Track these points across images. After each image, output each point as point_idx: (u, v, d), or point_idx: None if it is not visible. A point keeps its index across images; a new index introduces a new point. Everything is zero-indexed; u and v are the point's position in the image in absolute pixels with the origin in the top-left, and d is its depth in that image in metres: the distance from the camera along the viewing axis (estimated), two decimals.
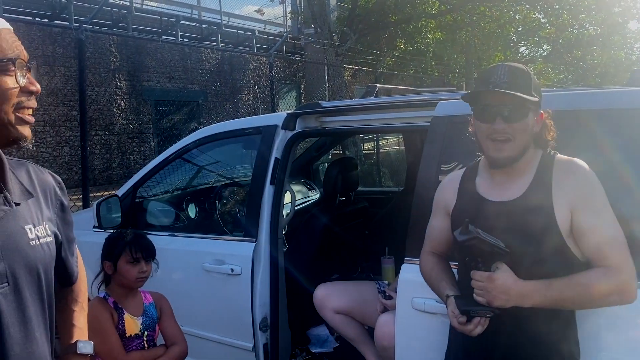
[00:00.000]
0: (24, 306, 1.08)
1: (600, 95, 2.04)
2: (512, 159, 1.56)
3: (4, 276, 1.04)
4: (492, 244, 1.46)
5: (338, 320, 2.74)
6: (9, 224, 1.07)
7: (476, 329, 1.53)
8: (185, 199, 3.40)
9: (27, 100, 1.08)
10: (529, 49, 18.38)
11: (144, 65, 12.63)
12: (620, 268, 1.47)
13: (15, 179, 1.14)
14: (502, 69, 1.56)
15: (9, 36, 1.07)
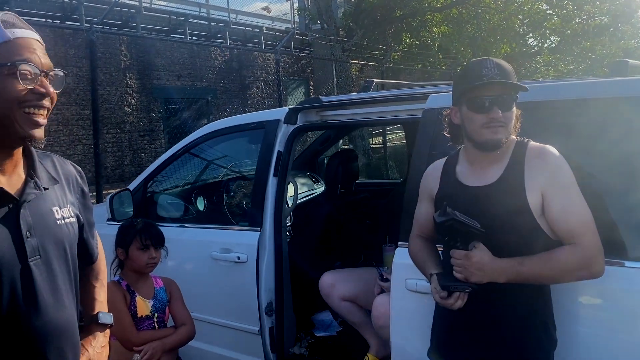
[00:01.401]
0: (53, 276, 1.23)
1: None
2: (503, 142, 1.69)
3: (37, 249, 1.19)
4: (468, 225, 1.60)
5: (344, 307, 2.88)
6: (39, 205, 1.23)
7: (456, 303, 1.67)
8: (194, 192, 3.56)
9: (36, 101, 1.17)
10: (537, 41, 18.30)
11: (153, 64, 12.83)
12: (587, 245, 1.61)
13: (43, 167, 1.30)
14: (490, 63, 1.68)
15: (24, 43, 1.18)
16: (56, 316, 1.22)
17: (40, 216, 1.22)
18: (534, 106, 1.94)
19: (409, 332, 2.24)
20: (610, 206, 1.93)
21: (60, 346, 1.23)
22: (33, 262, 1.18)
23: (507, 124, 1.67)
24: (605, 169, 1.96)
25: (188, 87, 13.42)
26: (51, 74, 1.21)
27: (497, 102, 1.66)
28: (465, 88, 1.71)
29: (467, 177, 1.79)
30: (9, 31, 1.17)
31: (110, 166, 12.10)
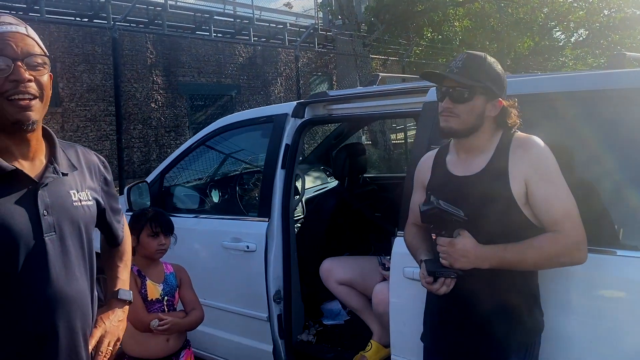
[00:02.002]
0: (66, 251, 1.36)
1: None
2: (456, 131, 1.77)
3: (52, 227, 1.32)
4: (451, 213, 1.66)
5: (341, 291, 2.97)
6: (57, 188, 1.37)
7: (441, 288, 1.73)
8: (209, 185, 3.68)
9: (16, 88, 1.26)
10: (565, 34, 17.98)
11: (179, 61, 13.06)
12: (569, 232, 1.65)
13: (64, 155, 1.45)
14: (460, 57, 1.78)
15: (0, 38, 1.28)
16: (66, 287, 1.34)
17: (57, 197, 1.36)
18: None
19: (407, 319, 2.31)
20: (605, 196, 1.98)
21: (69, 315, 1.35)
22: (48, 238, 1.31)
23: (459, 114, 1.74)
24: (602, 160, 1.99)
25: (212, 83, 13.63)
26: (26, 60, 1.29)
27: (449, 93, 1.75)
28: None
29: (455, 166, 1.86)
30: None
31: (137, 161, 12.38)
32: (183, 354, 2.48)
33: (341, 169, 3.46)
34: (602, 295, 1.89)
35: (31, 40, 1.33)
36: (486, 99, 1.75)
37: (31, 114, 1.29)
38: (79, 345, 1.39)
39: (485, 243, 1.70)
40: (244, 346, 3.13)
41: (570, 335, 1.90)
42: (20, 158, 1.33)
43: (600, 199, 1.98)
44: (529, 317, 1.78)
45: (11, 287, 1.27)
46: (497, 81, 1.76)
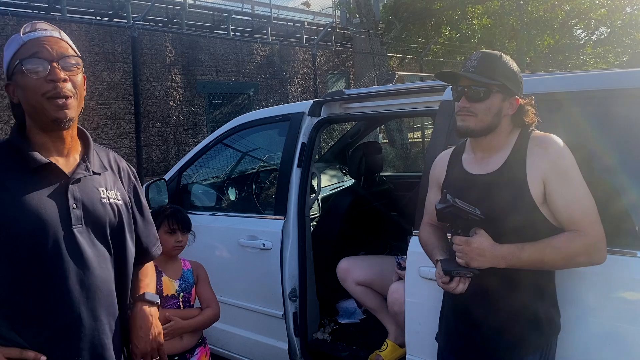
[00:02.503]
0: (92, 243, 1.44)
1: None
2: (473, 130, 1.75)
3: (80, 219, 1.41)
4: (467, 211, 1.65)
5: (359, 291, 2.97)
6: (87, 184, 1.46)
7: (458, 287, 1.72)
8: (226, 183, 3.70)
9: (53, 88, 1.35)
10: (585, 32, 17.72)
11: (197, 60, 13.13)
12: (587, 232, 1.63)
13: (97, 156, 1.55)
14: (475, 55, 1.76)
15: (35, 42, 1.37)
16: (91, 277, 1.42)
17: (86, 193, 1.45)
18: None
19: (423, 318, 2.30)
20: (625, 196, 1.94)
21: (94, 303, 1.42)
22: (76, 229, 1.40)
23: (476, 113, 1.72)
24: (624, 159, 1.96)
25: (230, 82, 13.68)
26: (61, 61, 1.38)
27: (465, 92, 1.74)
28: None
29: (471, 165, 1.84)
30: (25, 35, 1.39)
31: (156, 159, 12.48)
32: (197, 351, 2.49)
33: (357, 168, 3.46)
34: (621, 298, 1.86)
35: (65, 43, 1.42)
36: (503, 98, 1.73)
37: (68, 112, 1.38)
38: (104, 334, 1.45)
39: (501, 242, 1.69)
40: (260, 343, 3.15)
41: (587, 338, 1.87)
42: (56, 154, 1.43)
43: (621, 199, 1.95)
44: (546, 318, 1.76)
45: (41, 274, 1.33)
46: (513, 79, 1.74)
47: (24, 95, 1.38)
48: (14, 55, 1.39)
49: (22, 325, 1.33)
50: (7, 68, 1.41)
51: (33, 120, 1.41)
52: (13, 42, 1.40)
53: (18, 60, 1.36)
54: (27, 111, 1.41)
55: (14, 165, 1.37)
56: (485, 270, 1.70)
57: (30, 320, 1.33)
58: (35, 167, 1.37)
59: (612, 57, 17.97)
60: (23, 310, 1.33)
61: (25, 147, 1.39)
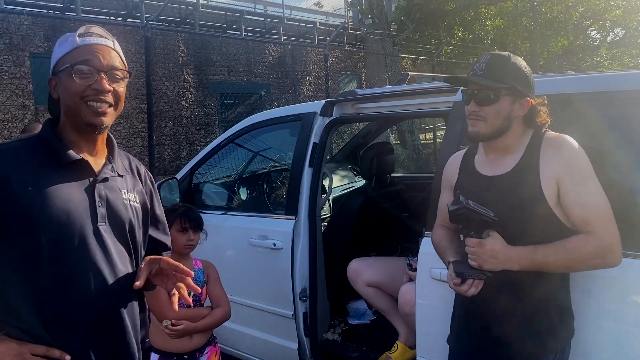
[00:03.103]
0: (114, 242, 1.47)
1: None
2: (483, 135, 1.74)
3: (104, 217, 1.45)
4: (481, 213, 1.63)
5: (369, 292, 2.96)
6: (112, 185, 1.50)
7: (470, 290, 1.70)
8: (237, 182, 3.71)
9: (95, 95, 1.40)
10: (600, 34, 17.55)
11: (209, 60, 13.19)
12: (602, 234, 1.61)
13: (120, 160, 1.59)
14: (484, 58, 1.74)
15: (88, 49, 1.41)
16: (115, 275, 1.45)
17: (111, 193, 1.49)
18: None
19: (433, 320, 2.29)
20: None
21: (118, 301, 1.46)
22: (101, 227, 1.44)
23: (486, 117, 1.71)
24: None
25: (242, 82, 13.73)
26: (109, 72, 1.42)
27: (474, 96, 1.72)
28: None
29: (484, 166, 1.83)
30: (81, 39, 1.42)
31: (168, 158, 12.55)
32: (207, 350, 2.50)
33: (368, 168, 3.46)
34: (637, 301, 1.84)
35: (116, 54, 1.47)
36: (513, 100, 1.71)
37: (104, 119, 1.43)
38: (127, 330, 1.48)
39: (514, 244, 1.67)
40: (270, 343, 3.15)
41: (601, 342, 1.85)
42: (86, 152, 1.47)
43: (636, 201, 1.93)
44: (559, 321, 1.74)
45: (67, 267, 1.36)
46: (523, 80, 1.72)
47: (64, 94, 1.42)
48: (66, 55, 1.42)
49: (47, 320, 1.34)
50: (55, 64, 1.44)
51: (68, 118, 1.45)
52: (67, 42, 1.44)
53: (69, 64, 1.40)
54: (64, 109, 1.45)
55: (45, 160, 1.40)
56: (498, 272, 1.68)
57: (55, 314, 1.35)
58: (67, 162, 1.41)
59: (627, 58, 17.78)
60: (49, 304, 1.35)
61: (58, 143, 1.43)
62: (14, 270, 1.34)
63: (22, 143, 1.44)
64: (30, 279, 1.34)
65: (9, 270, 1.34)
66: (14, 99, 8.80)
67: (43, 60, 9.08)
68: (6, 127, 8.77)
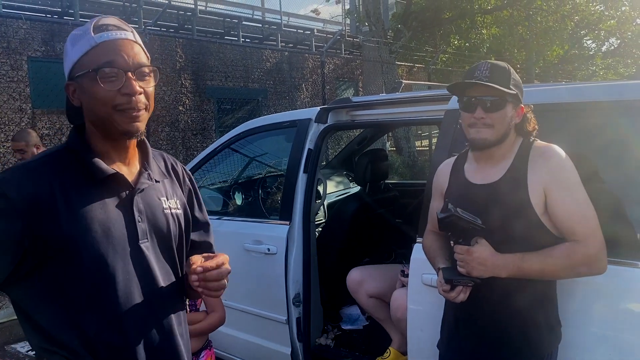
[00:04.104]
0: (158, 258, 1.35)
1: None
2: (490, 142, 1.75)
3: (145, 233, 1.32)
4: (469, 221, 1.67)
5: (371, 304, 2.97)
6: (150, 194, 1.36)
7: (459, 297, 1.73)
8: (233, 187, 3.74)
9: (127, 101, 1.23)
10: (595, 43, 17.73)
11: (207, 65, 13.23)
12: (588, 242, 1.64)
13: (155, 163, 1.44)
14: (484, 65, 1.76)
15: (110, 46, 1.23)
16: (165, 291, 1.35)
17: (149, 204, 1.35)
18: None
19: (425, 325, 2.31)
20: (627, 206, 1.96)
21: (165, 317, 1.36)
22: (143, 244, 1.31)
23: (493, 124, 1.72)
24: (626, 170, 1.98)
25: (240, 87, 13.77)
26: (138, 71, 1.26)
27: (481, 103, 1.72)
28: (455, 85, 1.80)
29: (473, 175, 1.86)
30: (97, 35, 1.23)
31: None
32: (203, 354, 2.52)
33: (363, 175, 3.49)
34: (623, 308, 1.87)
35: (139, 47, 1.29)
36: (513, 107, 1.75)
37: (139, 124, 1.28)
38: (174, 352, 1.38)
39: (503, 252, 1.70)
40: (263, 348, 3.16)
41: (588, 348, 1.88)
42: (119, 162, 1.33)
43: (622, 210, 1.96)
44: (547, 327, 1.77)
45: (108, 293, 1.25)
46: (521, 88, 1.77)
47: (90, 102, 1.26)
48: (83, 56, 1.24)
49: (92, 343, 1.23)
50: (72, 68, 1.27)
51: (97, 127, 1.29)
52: (82, 40, 1.25)
53: (90, 68, 1.22)
54: (91, 118, 1.29)
55: (76, 175, 1.26)
56: (486, 279, 1.71)
57: (102, 345, 1.24)
58: (101, 178, 1.26)
59: (622, 68, 17.94)
60: (93, 326, 1.23)
61: (88, 155, 1.28)
62: (54, 298, 1.22)
63: (48, 159, 1.28)
64: (69, 307, 1.22)
65: (46, 300, 1.22)
66: (11, 103, 8.81)
67: (41, 64, 9.10)
68: (3, 131, 8.78)
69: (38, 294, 1.23)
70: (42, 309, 1.23)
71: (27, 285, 1.22)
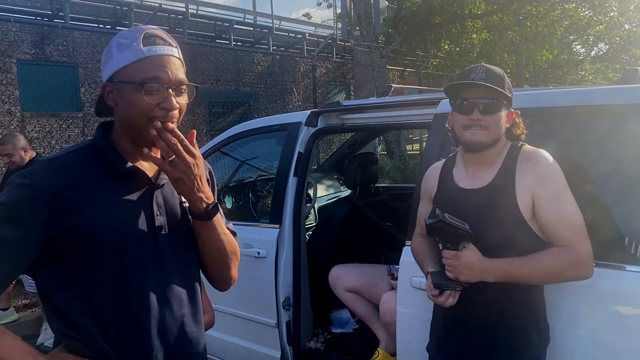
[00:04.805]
0: (176, 250, 1.40)
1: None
2: (485, 144, 1.76)
3: (163, 226, 1.38)
4: (457, 226, 1.67)
5: (349, 298, 2.99)
6: (169, 190, 1.42)
7: (447, 301, 1.74)
8: (222, 190, 3.73)
9: (164, 115, 1.29)
10: (585, 48, 17.90)
11: (198, 69, 13.20)
12: (575, 247, 1.66)
13: None
14: (480, 68, 1.76)
15: (157, 61, 1.29)
16: (178, 283, 1.39)
17: (167, 199, 1.41)
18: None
19: (414, 328, 2.32)
20: (614, 210, 1.98)
21: (182, 310, 1.40)
22: (160, 238, 1.37)
23: (488, 127, 1.73)
24: (613, 174, 2.00)
25: (231, 91, 13.75)
26: (178, 88, 1.32)
27: (477, 105, 1.73)
28: (452, 86, 1.80)
29: (462, 179, 1.87)
30: (146, 49, 1.29)
31: None
32: None
33: (353, 178, 3.50)
34: (610, 311, 1.88)
35: (180, 63, 1.35)
36: (506, 110, 1.76)
37: None
38: (190, 344, 1.43)
39: (491, 256, 1.71)
40: (253, 352, 3.16)
41: (576, 350, 1.89)
42: (141, 159, 1.39)
43: (609, 213, 1.98)
44: (535, 330, 1.78)
45: (126, 285, 1.30)
46: (512, 92, 1.78)
47: (127, 108, 1.31)
48: (130, 65, 1.29)
49: (112, 339, 1.29)
50: (115, 72, 1.32)
51: (127, 131, 1.36)
52: (130, 49, 1.30)
53: (136, 81, 1.28)
54: (123, 121, 1.35)
55: (100, 170, 1.33)
56: (475, 283, 1.72)
57: (114, 329, 1.30)
58: (122, 174, 1.34)
59: (611, 73, 18.11)
60: (108, 313, 1.29)
61: (112, 152, 1.35)
62: (74, 284, 1.28)
63: (74, 155, 1.35)
64: (89, 295, 1.28)
65: (67, 287, 1.29)
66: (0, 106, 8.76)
67: (30, 67, 9.05)
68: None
69: (60, 280, 1.29)
70: (63, 294, 1.29)
71: (50, 271, 1.29)
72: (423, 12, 12.19)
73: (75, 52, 9.69)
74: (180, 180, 1.31)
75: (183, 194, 1.36)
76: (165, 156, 1.30)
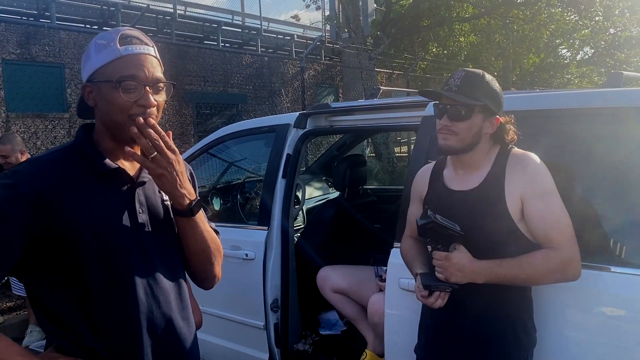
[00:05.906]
0: (159, 246, 1.42)
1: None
2: (454, 149, 1.78)
3: (146, 224, 1.40)
4: (448, 227, 1.69)
5: (336, 299, 3.00)
6: (151, 188, 1.44)
7: (436, 302, 1.75)
8: (210, 192, 3.72)
9: (142, 113, 1.31)
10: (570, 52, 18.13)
11: (186, 70, 13.15)
12: (563, 249, 1.67)
13: None
14: (458, 74, 1.78)
15: (133, 60, 1.32)
16: (164, 279, 1.41)
17: (150, 196, 1.44)
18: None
19: (402, 329, 2.33)
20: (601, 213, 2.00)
21: (169, 305, 1.41)
22: (144, 234, 1.39)
23: (458, 133, 1.75)
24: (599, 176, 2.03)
25: (219, 92, 13.71)
26: (155, 86, 1.35)
27: (447, 111, 1.76)
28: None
29: (452, 181, 1.89)
30: (123, 48, 1.33)
31: None
32: None
33: (341, 180, 3.51)
34: (596, 312, 1.90)
35: (157, 62, 1.38)
36: (484, 117, 1.77)
37: None
38: (179, 338, 1.44)
39: (480, 258, 1.72)
40: (241, 354, 3.15)
41: (563, 352, 1.91)
42: (122, 158, 1.42)
43: (596, 216, 2.00)
44: (523, 332, 1.79)
45: (111, 280, 1.31)
46: (495, 99, 1.78)
47: (107, 107, 1.34)
48: (107, 64, 1.33)
49: (100, 334, 1.31)
50: (93, 72, 1.35)
51: (108, 129, 1.38)
52: (107, 50, 1.33)
53: (114, 79, 1.31)
54: (104, 120, 1.38)
55: (82, 170, 1.35)
56: (464, 285, 1.73)
57: (106, 327, 1.31)
58: (104, 172, 1.36)
59: (596, 77, 18.33)
60: (99, 317, 1.31)
61: (94, 152, 1.38)
62: (62, 285, 1.29)
63: (57, 155, 1.37)
64: (77, 294, 1.30)
65: (56, 287, 1.30)
66: None
67: (16, 67, 8.95)
68: None
69: (48, 281, 1.31)
70: (52, 295, 1.31)
71: (38, 273, 1.31)
72: (411, 15, 12.26)
73: (61, 52, 9.60)
74: (162, 176, 1.33)
75: (166, 190, 1.38)
76: (147, 153, 1.32)
